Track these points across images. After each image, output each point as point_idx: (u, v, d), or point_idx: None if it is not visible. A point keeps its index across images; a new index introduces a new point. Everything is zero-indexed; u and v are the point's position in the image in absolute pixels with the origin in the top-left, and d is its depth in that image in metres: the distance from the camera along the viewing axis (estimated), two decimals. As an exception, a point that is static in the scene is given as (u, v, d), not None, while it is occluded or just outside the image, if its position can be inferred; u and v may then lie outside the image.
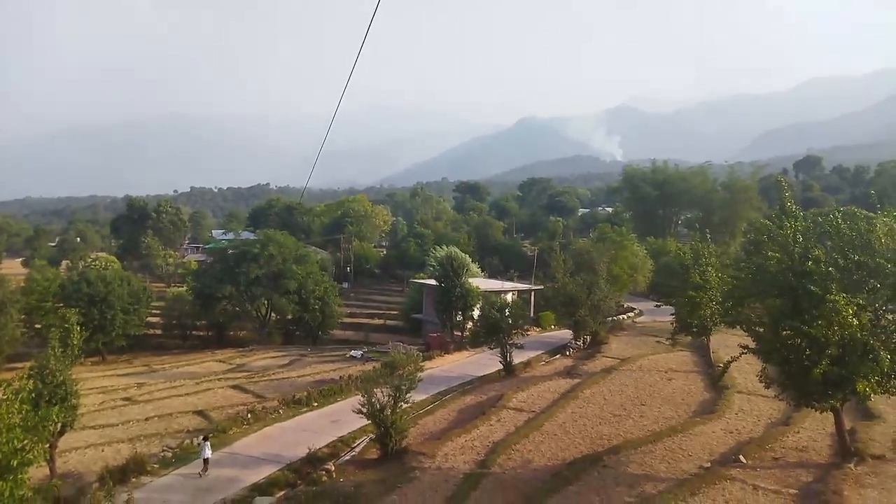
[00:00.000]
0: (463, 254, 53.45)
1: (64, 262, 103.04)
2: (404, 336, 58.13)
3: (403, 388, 22.22)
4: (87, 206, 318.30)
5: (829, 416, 18.50)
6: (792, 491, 15.37)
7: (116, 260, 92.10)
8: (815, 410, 17.75)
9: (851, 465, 16.80)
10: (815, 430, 21.09)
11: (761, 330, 17.84)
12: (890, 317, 16.67)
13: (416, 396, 24.55)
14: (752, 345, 18.45)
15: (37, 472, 21.31)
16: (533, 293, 58.06)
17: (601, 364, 35.18)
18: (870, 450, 18.21)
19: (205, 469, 21.58)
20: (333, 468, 21.25)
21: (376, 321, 69.80)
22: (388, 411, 21.85)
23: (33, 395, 17.47)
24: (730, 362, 21.61)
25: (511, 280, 67.39)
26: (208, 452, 21.78)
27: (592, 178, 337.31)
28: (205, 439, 22.49)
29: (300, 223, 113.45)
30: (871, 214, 17.67)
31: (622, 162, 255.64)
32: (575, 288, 41.14)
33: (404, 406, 22.46)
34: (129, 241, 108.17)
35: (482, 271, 68.53)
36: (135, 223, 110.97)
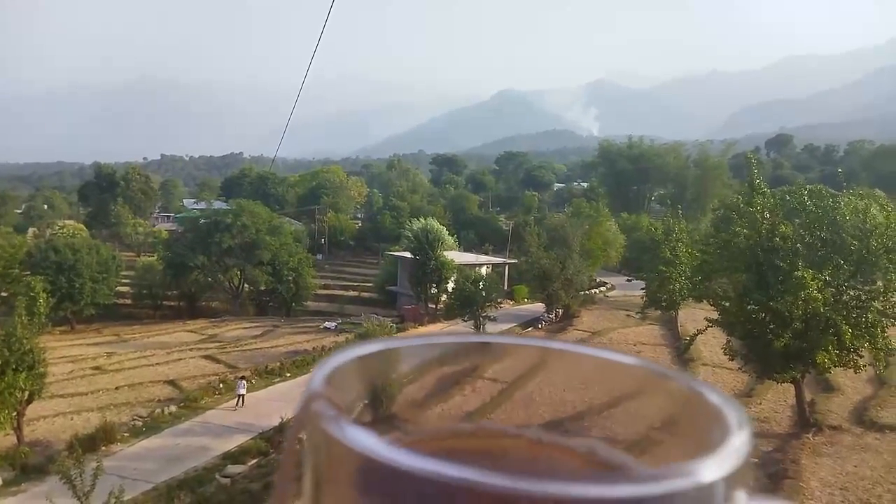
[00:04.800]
0: (439, 226, 53.44)
1: (31, 230, 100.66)
2: (379, 308, 58.11)
3: (377, 358, 22.35)
4: (53, 172, 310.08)
5: (790, 388, 19.04)
6: (752, 459, 15.86)
7: (84, 228, 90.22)
8: (777, 382, 18.28)
9: (809, 435, 17.37)
10: (776, 401, 21.70)
11: (727, 304, 18.23)
12: (851, 293, 17.10)
13: (390, 367, 24.67)
14: (718, 318, 18.84)
15: (4, 439, 21.23)
16: (507, 267, 58.40)
17: (572, 337, 35.61)
18: (827, 420, 18.82)
19: (241, 403, 24.75)
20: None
21: (351, 293, 69.63)
22: (361, 381, 21.97)
23: (-1, 362, 17.24)
24: (695, 335, 22.10)
25: (486, 254, 67.63)
26: (243, 390, 25.03)
27: (569, 152, 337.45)
28: (242, 378, 26.06)
29: (274, 193, 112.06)
30: (837, 193, 18.04)
31: (599, 137, 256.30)
32: (549, 262, 41.45)
33: (377, 376, 22.60)
34: (97, 209, 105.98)
35: (458, 245, 68.62)
36: (103, 191, 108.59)
